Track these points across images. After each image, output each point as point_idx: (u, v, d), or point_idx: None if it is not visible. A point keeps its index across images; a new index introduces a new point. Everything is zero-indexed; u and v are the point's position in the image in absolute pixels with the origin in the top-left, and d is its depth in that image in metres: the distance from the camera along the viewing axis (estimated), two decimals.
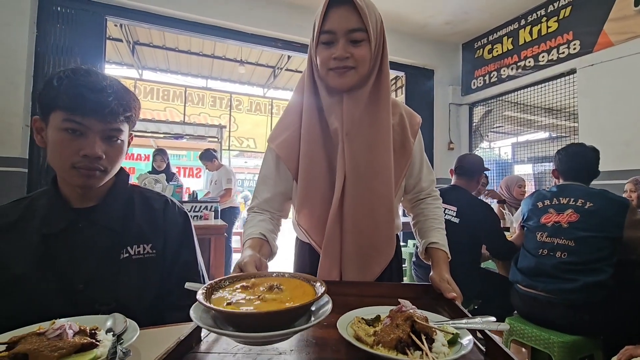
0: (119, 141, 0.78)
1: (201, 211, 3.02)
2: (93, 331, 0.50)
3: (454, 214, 1.93)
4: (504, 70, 4.03)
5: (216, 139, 6.07)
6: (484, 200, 2.95)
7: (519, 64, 3.85)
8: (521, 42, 3.84)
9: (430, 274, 0.83)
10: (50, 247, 0.75)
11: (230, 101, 6.63)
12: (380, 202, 0.82)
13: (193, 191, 3.47)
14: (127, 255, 0.80)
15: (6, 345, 0.45)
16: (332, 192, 0.82)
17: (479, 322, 0.56)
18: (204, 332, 0.57)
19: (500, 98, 4.25)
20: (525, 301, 1.57)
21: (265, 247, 0.81)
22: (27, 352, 0.42)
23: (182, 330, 0.52)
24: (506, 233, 2.42)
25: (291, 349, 0.54)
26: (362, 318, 0.58)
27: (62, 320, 0.50)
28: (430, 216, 0.94)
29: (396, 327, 0.50)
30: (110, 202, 0.81)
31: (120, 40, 4.73)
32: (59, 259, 0.75)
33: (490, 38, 4.21)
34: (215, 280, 0.53)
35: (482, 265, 2.55)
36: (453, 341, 0.52)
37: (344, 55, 0.74)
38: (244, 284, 0.53)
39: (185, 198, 3.38)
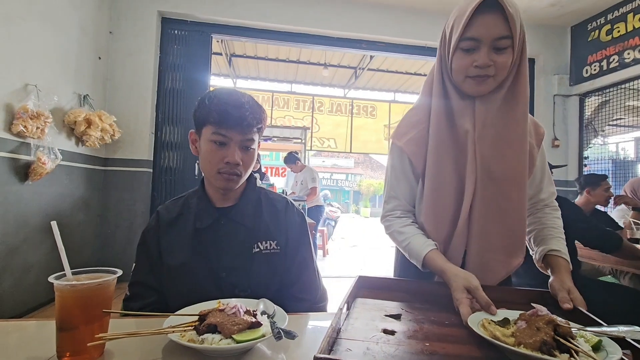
0: (251, 149, 0.90)
1: None
2: (254, 312, 0.60)
3: None
4: (629, 53, 3.42)
5: (300, 140, 6.38)
6: (609, 209, 2.57)
7: None
8: None
9: (550, 280, 0.80)
10: (201, 239, 0.90)
11: (312, 103, 6.90)
12: (512, 206, 0.81)
13: (283, 190, 3.71)
14: (258, 250, 0.91)
15: (198, 316, 0.56)
16: (459, 195, 0.82)
17: (622, 330, 0.53)
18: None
19: (623, 86, 3.62)
20: None
21: None
22: (217, 324, 0.53)
23: (301, 320, 0.57)
24: (636, 245, 2.08)
25: (426, 343, 0.57)
26: (492, 320, 0.59)
27: (232, 300, 0.61)
28: (549, 225, 0.91)
29: (537, 330, 0.51)
30: (244, 202, 0.94)
31: (220, 54, 5.29)
32: (207, 250, 0.89)
33: (610, 17, 3.62)
34: None
35: (601, 279, 2.23)
36: (596, 347, 0.51)
37: (487, 63, 0.72)
38: None
39: None
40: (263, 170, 4.73)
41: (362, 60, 5.68)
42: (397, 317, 0.67)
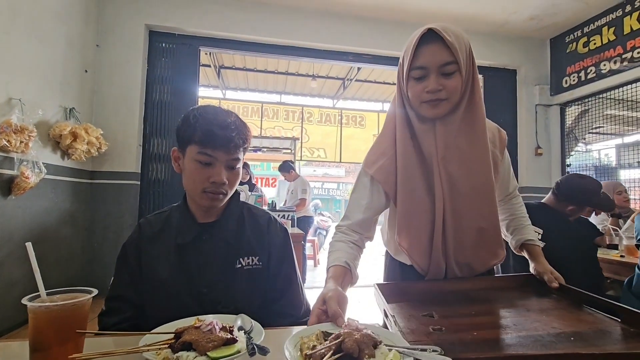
0: (237, 168, 0.90)
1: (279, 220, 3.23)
2: (231, 328, 0.60)
3: (539, 237, 1.69)
4: (605, 65, 3.56)
5: (290, 151, 6.40)
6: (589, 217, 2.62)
7: (624, 56, 3.38)
8: (626, 31, 3.36)
9: (532, 266, 0.94)
10: (182, 255, 0.90)
11: (302, 114, 6.95)
12: (485, 218, 0.87)
13: (272, 201, 3.72)
14: (240, 265, 0.91)
15: (174, 334, 0.57)
16: (432, 214, 0.86)
17: (425, 353, 0.55)
18: None
19: (601, 95, 3.75)
20: None
21: (348, 277, 0.84)
22: (192, 341, 0.54)
23: (282, 335, 0.59)
24: (614, 251, 2.13)
25: (474, 332, 0.61)
26: (325, 332, 0.59)
27: (209, 316, 0.61)
28: (518, 215, 1.05)
29: (329, 344, 0.53)
30: (226, 218, 0.94)
31: (209, 66, 5.32)
32: (189, 266, 0.89)
33: (586, 30, 3.77)
34: None
35: None
36: None
37: (437, 88, 0.77)
38: None
39: (265, 208, 3.65)
40: (253, 181, 4.73)
41: (350, 72, 5.77)
42: (431, 315, 0.70)
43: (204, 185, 0.86)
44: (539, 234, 1.70)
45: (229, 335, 0.57)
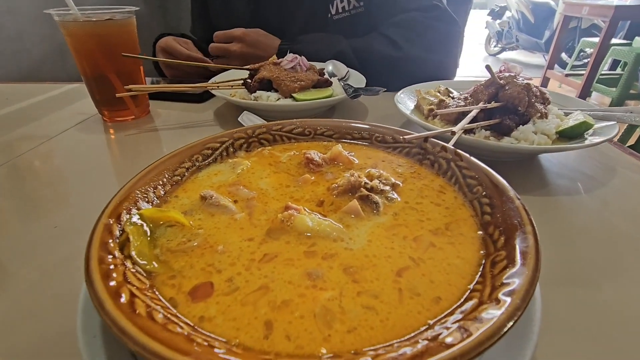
0: None
1: None
2: (322, 70, 0.44)
3: None
4: None
5: None
6: None
7: None
8: None
9: None
10: (260, 3, 0.70)
11: None
12: None
13: None
14: (334, 12, 0.69)
15: (249, 71, 0.43)
16: None
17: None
18: None
19: None
20: None
21: None
22: (271, 78, 0.40)
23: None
24: None
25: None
26: (450, 90, 0.45)
27: (292, 55, 0.45)
28: None
29: (474, 94, 0.37)
30: None
31: None
32: (269, 16, 0.70)
33: None
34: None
35: None
36: (574, 135, 0.36)
37: None
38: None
39: None
40: None
41: None
42: None
43: None
44: None
45: (322, 77, 0.41)
